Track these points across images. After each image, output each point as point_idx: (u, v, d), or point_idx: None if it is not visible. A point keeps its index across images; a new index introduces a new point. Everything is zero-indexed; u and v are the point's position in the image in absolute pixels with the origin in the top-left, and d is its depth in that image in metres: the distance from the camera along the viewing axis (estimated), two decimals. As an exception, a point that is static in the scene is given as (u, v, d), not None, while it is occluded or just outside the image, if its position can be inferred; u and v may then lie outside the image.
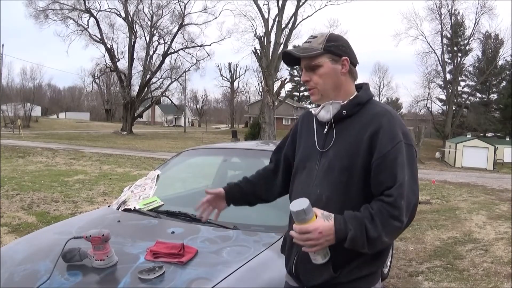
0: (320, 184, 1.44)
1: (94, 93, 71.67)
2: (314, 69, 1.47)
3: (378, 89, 61.38)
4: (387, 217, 1.29)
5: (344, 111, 1.46)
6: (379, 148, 1.36)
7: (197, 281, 1.74)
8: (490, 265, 4.47)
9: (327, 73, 1.46)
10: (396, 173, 1.33)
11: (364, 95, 1.49)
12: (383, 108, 1.46)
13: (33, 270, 1.88)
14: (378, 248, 1.34)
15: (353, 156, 1.40)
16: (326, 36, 1.47)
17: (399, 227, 1.31)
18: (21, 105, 39.56)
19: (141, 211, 2.68)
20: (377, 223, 1.29)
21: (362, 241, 1.29)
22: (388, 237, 1.31)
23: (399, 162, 1.34)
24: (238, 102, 68.69)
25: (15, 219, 5.55)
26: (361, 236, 1.28)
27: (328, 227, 1.29)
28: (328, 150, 1.46)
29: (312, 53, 1.45)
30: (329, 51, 1.45)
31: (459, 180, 14.63)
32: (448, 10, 40.78)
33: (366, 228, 1.28)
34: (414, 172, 1.37)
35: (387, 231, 1.30)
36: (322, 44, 1.45)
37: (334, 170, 1.42)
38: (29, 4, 34.80)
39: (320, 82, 1.47)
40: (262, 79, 28.00)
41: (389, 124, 1.39)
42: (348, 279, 1.39)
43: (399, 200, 1.30)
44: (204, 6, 54.92)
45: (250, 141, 21.04)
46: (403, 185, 1.32)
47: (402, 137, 1.38)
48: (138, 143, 26.52)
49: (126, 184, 5.85)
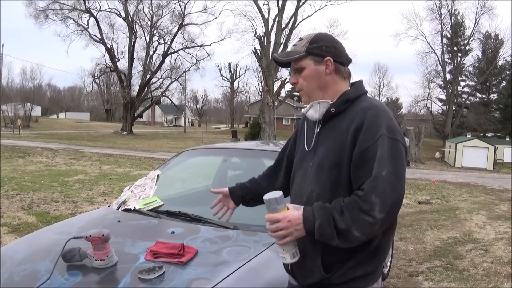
0: (312, 183, 1.45)
1: (94, 93, 71.80)
2: (299, 72, 1.49)
3: (378, 89, 61.51)
4: (357, 210, 1.27)
5: (333, 109, 1.45)
6: (360, 143, 1.35)
7: (197, 281, 1.74)
8: (490, 265, 4.47)
9: (310, 75, 1.47)
10: (372, 168, 1.30)
11: (352, 92, 1.48)
12: (370, 103, 1.43)
13: (33, 270, 1.88)
14: (352, 243, 1.30)
15: (340, 153, 1.39)
16: (309, 38, 1.47)
17: (371, 222, 1.26)
18: (21, 105, 39.52)
19: (141, 211, 2.68)
20: (346, 215, 1.27)
21: (330, 232, 1.27)
22: (360, 231, 1.27)
23: (377, 156, 1.31)
24: (238, 102, 68.79)
25: (15, 219, 5.55)
26: (328, 226, 1.27)
27: (297, 215, 1.31)
28: (319, 149, 1.47)
29: (293, 57, 1.48)
30: (311, 53, 1.46)
31: (459, 180, 14.63)
32: (448, 10, 40.89)
33: (334, 219, 1.28)
34: (397, 167, 1.31)
35: (357, 225, 1.26)
36: (305, 47, 1.46)
37: (324, 167, 1.42)
38: (29, 4, 34.84)
39: (304, 84, 1.49)
40: (262, 79, 28.06)
41: (372, 119, 1.36)
42: (342, 280, 1.38)
43: (369, 194, 1.27)
44: (204, 6, 55.01)
45: (250, 141, 21.04)
46: (377, 179, 1.28)
47: (386, 131, 1.34)
48: (138, 143, 26.51)
49: (126, 184, 5.85)
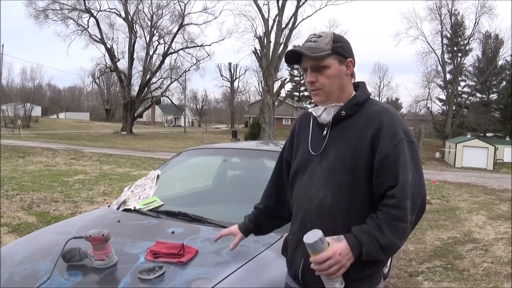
0: (323, 187, 1.43)
1: (94, 93, 71.76)
2: (320, 70, 1.44)
3: (378, 89, 61.44)
4: (392, 222, 1.31)
5: (343, 112, 1.44)
6: (381, 149, 1.36)
7: (197, 281, 1.74)
8: (490, 265, 4.47)
9: (334, 75, 1.44)
10: (398, 173, 1.33)
11: (361, 95, 1.48)
12: (382, 107, 1.45)
13: (33, 270, 1.88)
14: (395, 252, 1.40)
15: (355, 157, 1.39)
16: (332, 36, 1.44)
17: (407, 227, 1.33)
18: (21, 105, 39.48)
19: (141, 211, 2.68)
20: (385, 231, 1.30)
21: (376, 251, 1.31)
22: (400, 240, 1.34)
23: (401, 161, 1.34)
24: (238, 102, 68.75)
25: (15, 219, 5.55)
26: (373, 246, 1.30)
27: (344, 246, 1.30)
28: (329, 152, 1.44)
29: (321, 54, 1.42)
30: (337, 52, 1.43)
31: (459, 180, 14.63)
32: (448, 10, 40.82)
33: (376, 237, 1.30)
34: (418, 168, 1.38)
35: (397, 236, 1.32)
36: (330, 45, 1.42)
37: (337, 172, 1.41)
38: (29, 4, 34.81)
39: (327, 83, 1.44)
40: (262, 79, 27.99)
41: (389, 123, 1.39)
42: (351, 279, 1.38)
43: (403, 201, 1.31)
44: (204, 6, 55.06)
45: (250, 141, 21.03)
46: (406, 184, 1.32)
47: (403, 135, 1.38)
48: (138, 143, 26.50)
49: (126, 184, 5.85)
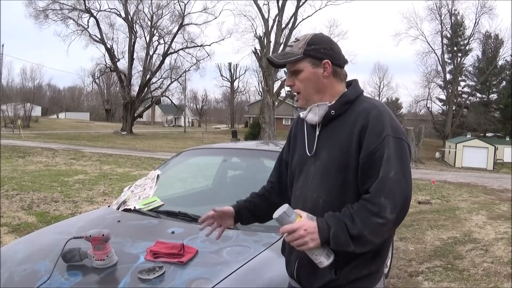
0: (316, 188, 1.42)
1: (94, 93, 71.67)
2: (296, 74, 1.45)
3: (378, 89, 61.39)
4: (367, 214, 1.27)
5: (333, 111, 1.43)
6: (366, 145, 1.34)
7: (197, 281, 1.74)
8: (490, 265, 4.47)
9: (308, 78, 1.43)
10: (380, 169, 1.30)
11: (351, 93, 1.46)
12: (370, 103, 1.42)
13: (33, 270, 1.88)
14: (367, 247, 1.31)
15: (346, 155, 1.37)
16: (307, 40, 1.43)
17: (382, 223, 1.26)
18: (21, 105, 39.48)
19: (141, 211, 2.68)
20: (357, 221, 1.27)
21: (345, 239, 1.27)
22: (373, 235, 1.28)
23: (384, 157, 1.30)
24: (238, 102, 68.74)
25: (15, 219, 5.55)
26: (342, 233, 1.27)
27: (312, 225, 1.29)
28: (322, 153, 1.44)
29: (290, 59, 1.43)
30: (309, 55, 1.42)
31: (459, 180, 14.63)
32: (448, 10, 40.84)
33: (346, 225, 1.27)
34: (403, 166, 1.31)
35: (369, 229, 1.26)
36: (302, 48, 1.42)
37: (330, 172, 1.40)
38: (29, 4, 34.80)
39: (301, 87, 1.45)
40: (262, 79, 28.03)
41: (376, 119, 1.35)
42: (348, 280, 1.38)
43: (378, 196, 1.27)
44: (204, 6, 55.00)
45: (250, 141, 21.03)
46: (384, 180, 1.28)
47: (391, 131, 1.34)
48: (138, 143, 26.50)
49: (126, 184, 5.85)
